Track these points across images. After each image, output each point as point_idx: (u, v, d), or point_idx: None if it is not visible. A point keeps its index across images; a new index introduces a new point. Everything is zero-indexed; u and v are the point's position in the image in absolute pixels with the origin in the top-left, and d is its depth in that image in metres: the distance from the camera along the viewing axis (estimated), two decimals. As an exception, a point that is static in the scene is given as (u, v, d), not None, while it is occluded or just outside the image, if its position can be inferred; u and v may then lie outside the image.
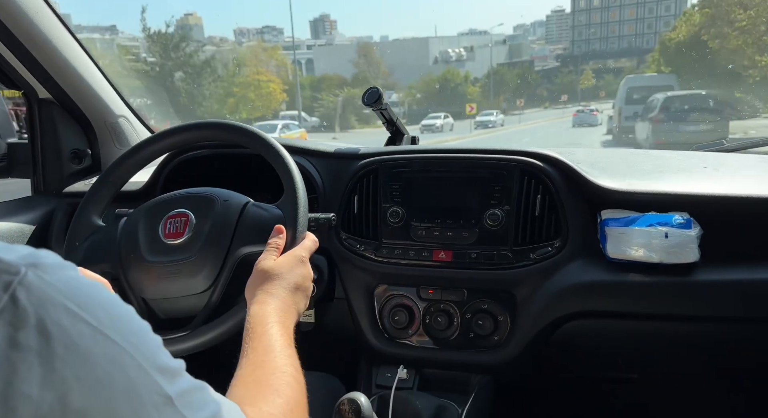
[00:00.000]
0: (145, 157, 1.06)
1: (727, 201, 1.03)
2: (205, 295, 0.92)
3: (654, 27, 75.92)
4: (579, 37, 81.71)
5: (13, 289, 0.34)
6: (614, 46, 76.25)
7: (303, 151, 1.24)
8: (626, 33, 78.22)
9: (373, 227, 1.15)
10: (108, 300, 0.40)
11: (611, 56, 65.78)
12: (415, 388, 1.11)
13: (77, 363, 0.35)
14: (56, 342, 0.34)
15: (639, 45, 74.70)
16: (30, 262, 0.36)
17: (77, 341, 0.35)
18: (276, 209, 0.94)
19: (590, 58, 63.83)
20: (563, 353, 1.16)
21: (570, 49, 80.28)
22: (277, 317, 0.75)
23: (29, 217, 1.31)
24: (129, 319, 0.41)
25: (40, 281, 0.36)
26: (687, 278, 1.00)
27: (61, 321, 0.35)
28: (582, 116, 24.53)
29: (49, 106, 1.38)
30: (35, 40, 1.21)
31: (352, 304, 1.18)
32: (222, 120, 1.03)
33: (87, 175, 1.48)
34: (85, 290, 0.38)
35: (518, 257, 1.07)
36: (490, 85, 45.35)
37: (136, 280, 0.94)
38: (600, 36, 79.43)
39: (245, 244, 0.92)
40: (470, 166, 1.12)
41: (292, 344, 0.73)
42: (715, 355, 1.16)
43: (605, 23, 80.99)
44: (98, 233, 1.01)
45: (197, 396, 0.44)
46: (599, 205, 1.08)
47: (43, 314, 0.34)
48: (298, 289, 0.83)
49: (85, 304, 0.37)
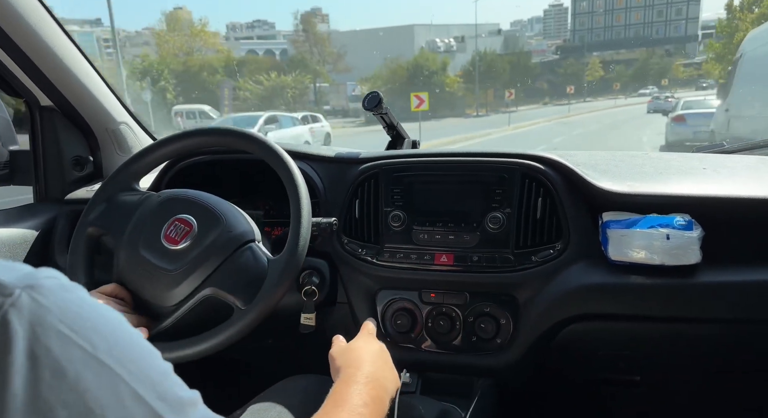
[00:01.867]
0: (150, 164, 1.07)
1: (728, 202, 1.03)
2: (164, 311, 0.92)
3: (665, 14, 70.48)
4: (581, 27, 75.19)
5: (4, 311, 0.33)
6: (620, 36, 70.80)
7: (305, 156, 1.24)
8: (633, 21, 72.75)
9: (374, 231, 1.15)
10: (108, 325, 0.39)
11: (617, 47, 60.65)
12: (418, 392, 1.11)
13: (64, 389, 0.34)
14: (43, 367, 0.33)
15: (648, 34, 69.88)
16: (27, 283, 0.35)
17: (66, 365, 0.34)
18: (267, 262, 0.93)
19: (594, 49, 58.88)
20: (565, 355, 1.16)
21: (571, 39, 73.99)
22: (365, 379, 0.73)
23: (32, 224, 1.31)
24: (130, 345, 0.39)
25: (34, 303, 0.35)
26: (689, 280, 1.00)
27: (50, 345, 0.34)
28: (657, 103, 25.19)
29: (50, 114, 1.38)
30: (37, 47, 1.21)
31: (354, 308, 1.18)
32: (227, 127, 1.04)
33: (89, 182, 1.48)
34: (83, 313, 0.37)
35: (520, 259, 1.07)
36: (475, 74, 36.35)
37: (120, 260, 0.95)
38: (604, 25, 73.56)
39: (215, 285, 0.90)
40: (471, 170, 1.12)
41: (379, 398, 0.71)
42: (717, 357, 1.16)
43: (609, 10, 74.77)
44: (122, 198, 1.02)
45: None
46: (600, 207, 1.08)
47: (32, 338, 0.34)
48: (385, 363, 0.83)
49: (79, 328, 0.36)
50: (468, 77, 37.36)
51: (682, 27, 69.59)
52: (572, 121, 23.29)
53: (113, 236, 0.98)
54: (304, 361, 1.07)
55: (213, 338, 0.88)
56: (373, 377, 0.74)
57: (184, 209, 0.96)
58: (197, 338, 0.88)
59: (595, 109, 32.21)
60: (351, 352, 0.81)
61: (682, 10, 69.54)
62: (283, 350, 1.33)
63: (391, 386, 0.79)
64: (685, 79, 46.27)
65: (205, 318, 0.94)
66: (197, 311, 0.92)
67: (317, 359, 0.92)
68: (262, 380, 0.99)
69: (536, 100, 40.39)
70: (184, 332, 0.90)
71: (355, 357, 0.79)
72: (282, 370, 1.05)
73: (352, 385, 0.70)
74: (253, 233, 0.96)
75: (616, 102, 36.96)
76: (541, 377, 1.21)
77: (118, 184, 1.05)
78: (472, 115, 32.81)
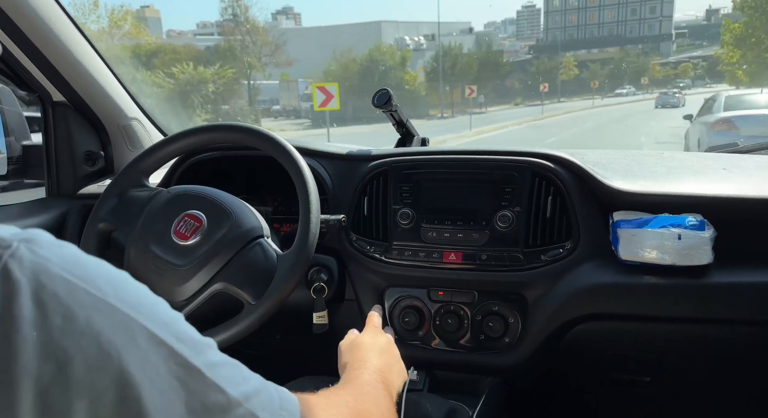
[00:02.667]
0: (160, 160, 1.07)
1: (741, 202, 1.01)
2: (175, 306, 0.92)
3: (639, 13, 69.52)
4: (554, 25, 73.55)
5: (4, 262, 0.33)
6: (594, 34, 69.66)
7: (314, 153, 1.24)
8: (607, 20, 71.49)
9: (383, 228, 1.15)
10: (113, 273, 0.38)
11: (591, 46, 59.18)
12: (426, 390, 1.11)
13: (76, 333, 0.33)
14: (53, 312, 0.33)
15: (622, 33, 69.13)
16: (23, 237, 0.35)
17: (77, 310, 0.34)
18: (276, 257, 0.93)
19: (568, 48, 57.41)
20: (574, 355, 1.15)
21: (544, 37, 72.19)
22: (373, 371, 0.74)
23: (43, 219, 1.32)
24: (138, 291, 0.39)
25: (34, 254, 0.34)
26: (700, 281, 0.99)
27: (57, 291, 0.33)
28: (665, 98, 26.42)
29: (63, 109, 1.39)
30: (49, 43, 1.22)
31: (362, 305, 1.18)
32: (237, 122, 1.04)
33: (100, 177, 1.49)
34: (84, 263, 0.37)
35: (529, 258, 1.06)
36: (439, 70, 32.29)
37: (130, 256, 0.96)
38: (578, 23, 72.13)
39: (225, 280, 0.91)
40: (481, 168, 1.11)
41: (386, 388, 0.71)
42: (728, 358, 1.15)
43: (583, 8, 73.34)
44: (132, 194, 1.03)
45: (233, 371, 0.41)
46: (611, 206, 1.07)
47: (37, 285, 0.33)
48: (385, 352, 0.84)
49: (85, 276, 0.35)
50: (433, 75, 33.48)
51: (656, 26, 68.68)
52: (546, 125, 21.35)
53: (123, 232, 0.99)
54: (312, 358, 1.07)
55: (224, 333, 0.88)
56: (380, 371, 0.75)
57: (193, 204, 0.96)
58: (209, 333, 0.89)
59: (571, 109, 30.45)
60: (357, 350, 0.81)
61: (656, 8, 68.58)
62: (290, 347, 1.34)
63: (398, 379, 0.80)
64: (661, 78, 45.71)
65: (214, 314, 0.94)
66: (207, 307, 0.92)
67: (325, 356, 0.92)
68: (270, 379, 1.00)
69: (507, 100, 37.50)
70: (195, 328, 0.90)
71: (361, 356, 0.79)
72: (289, 368, 1.05)
73: (359, 377, 0.72)
74: (262, 229, 0.96)
75: (593, 102, 35.78)
76: (550, 377, 1.21)
77: (128, 180, 1.05)
78: (437, 117, 30.48)
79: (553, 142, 14.82)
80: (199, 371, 0.38)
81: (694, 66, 50.60)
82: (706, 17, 73.55)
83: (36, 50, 1.22)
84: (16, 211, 1.31)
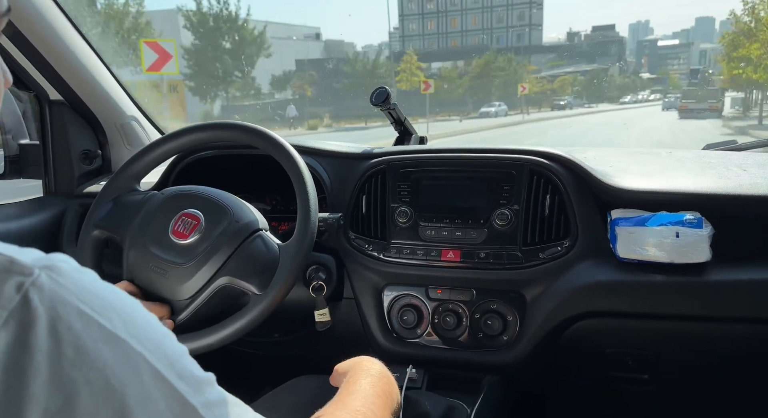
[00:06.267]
0: (155, 159, 1.07)
1: (739, 200, 1.02)
2: (179, 304, 0.92)
3: (505, 20, 61.94)
4: (411, 32, 63.84)
5: (25, 289, 0.34)
6: (457, 44, 61.19)
7: (311, 151, 1.24)
8: (470, 27, 63.03)
9: (381, 227, 1.15)
10: (126, 305, 0.39)
11: (453, 57, 49.54)
12: (424, 388, 1.11)
13: (86, 366, 0.34)
14: (66, 344, 0.34)
15: (488, 42, 60.33)
16: (44, 264, 0.36)
17: (88, 343, 0.35)
18: (278, 248, 0.93)
19: (430, 59, 48.89)
20: (573, 353, 1.15)
21: (398, 45, 61.62)
22: (377, 374, 0.74)
23: (40, 217, 1.32)
24: (146, 324, 0.40)
25: (54, 283, 0.35)
26: (698, 278, 0.99)
27: (72, 323, 0.34)
28: (670, 102, 28.24)
29: (59, 108, 1.39)
30: (47, 42, 1.22)
31: (360, 304, 1.18)
32: (233, 121, 1.04)
33: (97, 176, 1.49)
34: (99, 293, 0.38)
35: (527, 256, 1.06)
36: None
37: (129, 259, 0.95)
38: (438, 31, 63.14)
39: (229, 273, 0.91)
40: (479, 166, 1.11)
41: (384, 401, 0.71)
42: (727, 355, 1.15)
43: (443, 12, 63.48)
44: (126, 198, 1.03)
45: (229, 410, 0.42)
46: (609, 204, 1.07)
47: (54, 316, 0.34)
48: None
49: (99, 307, 0.36)
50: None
51: (525, 36, 61.77)
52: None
53: (120, 236, 0.99)
54: (310, 357, 1.07)
55: (234, 325, 0.89)
56: (384, 374, 0.75)
57: (189, 203, 0.96)
58: (218, 326, 0.89)
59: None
60: (357, 362, 0.81)
61: (525, 14, 61.46)
62: (288, 346, 1.33)
63: (397, 391, 0.80)
64: (538, 93, 38.79)
65: (219, 310, 0.94)
66: (211, 303, 0.92)
67: (323, 355, 0.92)
68: (268, 379, 1.00)
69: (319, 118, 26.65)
70: (200, 326, 0.91)
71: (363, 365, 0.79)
72: (288, 367, 1.05)
73: (365, 377, 0.72)
74: (260, 222, 0.97)
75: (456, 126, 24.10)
76: (548, 374, 1.21)
77: (122, 183, 1.05)
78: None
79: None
80: (195, 410, 0.39)
81: (573, 80, 43.47)
82: (568, 39, 65.95)
83: (32, 48, 1.21)
84: (12, 209, 1.30)
